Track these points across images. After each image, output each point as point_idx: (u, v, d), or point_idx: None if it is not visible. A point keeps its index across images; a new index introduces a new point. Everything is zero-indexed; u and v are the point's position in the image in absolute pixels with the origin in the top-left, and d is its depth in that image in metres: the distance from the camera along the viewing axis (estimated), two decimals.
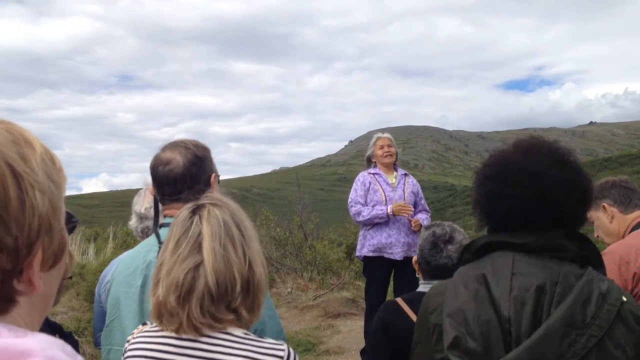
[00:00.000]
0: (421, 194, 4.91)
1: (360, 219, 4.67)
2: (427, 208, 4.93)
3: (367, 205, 4.67)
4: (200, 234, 1.23)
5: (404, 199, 4.66)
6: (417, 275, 2.34)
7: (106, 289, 2.47)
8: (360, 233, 4.84)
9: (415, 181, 4.93)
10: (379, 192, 4.68)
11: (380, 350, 2.17)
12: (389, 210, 4.53)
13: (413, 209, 4.62)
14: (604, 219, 2.53)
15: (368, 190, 4.72)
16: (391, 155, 4.80)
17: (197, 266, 1.20)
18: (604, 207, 2.51)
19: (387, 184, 4.74)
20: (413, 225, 4.59)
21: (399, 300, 2.24)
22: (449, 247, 2.20)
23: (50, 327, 2.04)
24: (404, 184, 4.80)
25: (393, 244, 4.58)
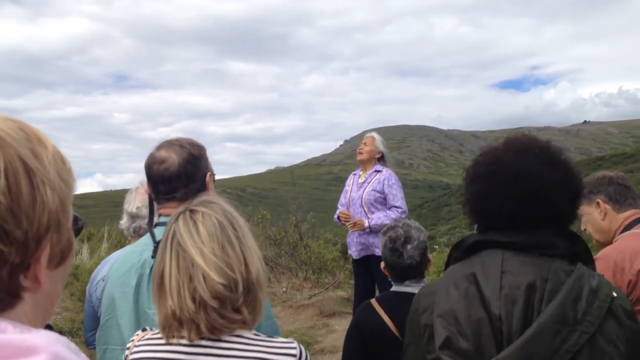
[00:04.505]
0: (392, 190, 4.63)
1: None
2: (399, 204, 4.63)
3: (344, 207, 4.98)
4: (198, 238, 1.23)
5: (361, 198, 4.73)
6: (389, 280, 2.40)
7: (97, 289, 2.46)
8: None
9: (384, 177, 4.68)
10: (347, 192, 4.93)
11: (354, 351, 2.25)
12: (335, 217, 4.91)
13: (349, 215, 4.72)
14: (596, 215, 2.43)
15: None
16: (361, 153, 4.90)
17: (202, 271, 1.20)
18: (597, 202, 2.41)
19: (357, 183, 4.90)
20: (351, 228, 4.73)
21: (373, 300, 2.33)
22: (408, 247, 2.26)
23: None
24: (369, 182, 4.74)
25: (351, 244, 4.89)
